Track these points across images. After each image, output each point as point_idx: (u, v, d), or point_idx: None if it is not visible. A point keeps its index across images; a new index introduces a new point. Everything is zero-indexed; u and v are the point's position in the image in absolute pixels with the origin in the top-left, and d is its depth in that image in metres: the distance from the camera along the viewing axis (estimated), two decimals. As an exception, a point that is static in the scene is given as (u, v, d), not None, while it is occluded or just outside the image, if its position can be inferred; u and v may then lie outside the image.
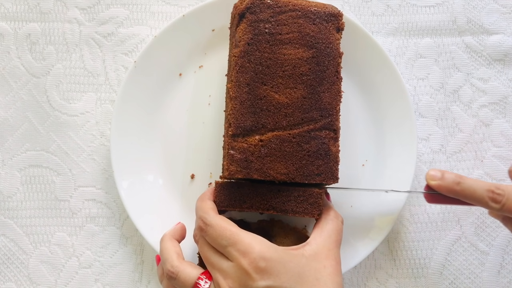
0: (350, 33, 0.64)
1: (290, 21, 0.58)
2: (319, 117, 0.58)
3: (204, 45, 0.67)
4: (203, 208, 0.56)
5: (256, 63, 0.57)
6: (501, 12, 0.71)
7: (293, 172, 0.56)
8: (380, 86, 0.66)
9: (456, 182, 0.55)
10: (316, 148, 0.57)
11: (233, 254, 0.51)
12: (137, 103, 0.66)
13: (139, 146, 0.66)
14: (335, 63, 0.58)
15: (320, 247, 0.54)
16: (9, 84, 0.69)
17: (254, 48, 0.57)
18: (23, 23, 0.70)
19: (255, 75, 0.57)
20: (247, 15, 0.58)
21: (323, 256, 0.53)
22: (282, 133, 0.57)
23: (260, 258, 0.50)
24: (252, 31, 0.57)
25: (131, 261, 0.67)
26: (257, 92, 0.57)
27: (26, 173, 0.68)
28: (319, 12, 0.58)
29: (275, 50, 0.57)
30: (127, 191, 0.64)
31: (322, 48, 0.58)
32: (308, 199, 0.57)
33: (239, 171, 0.56)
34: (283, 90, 0.57)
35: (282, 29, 0.58)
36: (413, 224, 0.68)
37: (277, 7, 0.58)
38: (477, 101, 0.70)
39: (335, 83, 0.58)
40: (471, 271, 0.67)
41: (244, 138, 0.56)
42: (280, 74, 0.57)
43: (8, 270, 0.67)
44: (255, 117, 0.57)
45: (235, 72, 0.57)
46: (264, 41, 0.57)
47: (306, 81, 0.58)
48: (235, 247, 0.51)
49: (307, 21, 0.58)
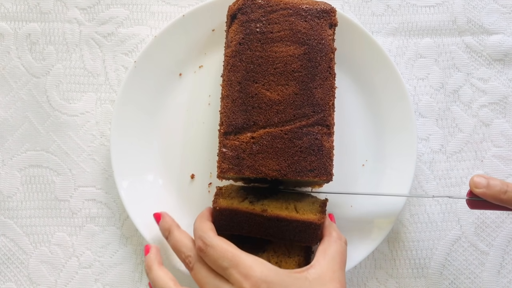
0: (350, 33, 0.64)
1: (282, 19, 0.58)
2: (312, 113, 0.57)
3: (204, 45, 0.67)
4: (202, 228, 0.55)
5: (248, 62, 0.58)
6: (501, 12, 0.71)
7: (285, 168, 0.56)
8: (380, 86, 0.66)
9: (503, 191, 0.54)
10: (308, 144, 0.57)
11: (235, 276, 0.50)
12: (137, 103, 0.66)
13: (139, 146, 0.66)
14: (327, 58, 0.58)
15: (324, 269, 0.52)
16: (9, 84, 0.69)
17: (245, 48, 0.58)
18: (23, 23, 0.70)
19: (247, 73, 0.58)
20: (239, 16, 0.58)
21: (327, 279, 0.52)
22: (273, 130, 0.57)
23: (262, 281, 0.49)
24: (244, 31, 0.58)
25: (131, 261, 0.67)
26: (249, 90, 0.57)
27: (26, 173, 0.68)
28: (310, 9, 0.59)
29: (267, 48, 0.58)
30: (127, 191, 0.64)
31: (314, 45, 0.58)
32: (307, 229, 0.56)
33: (230, 169, 0.56)
34: (275, 87, 0.57)
35: (273, 28, 0.58)
36: (413, 224, 0.68)
37: (268, 7, 0.58)
38: (477, 101, 0.70)
39: (327, 78, 0.58)
40: (471, 271, 0.67)
41: (236, 136, 0.57)
42: (271, 71, 0.58)
43: (8, 270, 0.67)
44: (247, 114, 0.57)
45: (226, 71, 0.58)
46: (256, 40, 0.58)
47: (297, 78, 0.58)
48: (237, 269, 0.50)
49: (298, 18, 0.58)
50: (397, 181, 0.64)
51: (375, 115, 0.67)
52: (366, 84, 0.67)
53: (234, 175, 0.57)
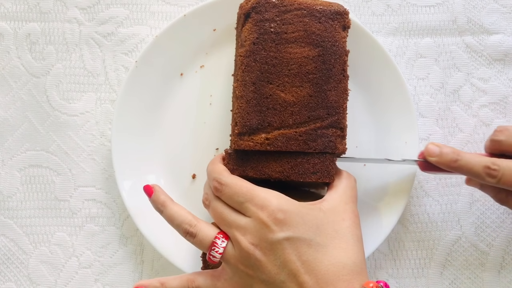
0: (350, 33, 0.64)
1: (296, 20, 0.58)
2: (326, 115, 0.58)
3: (206, 44, 0.67)
4: (216, 170, 0.56)
5: (262, 62, 0.57)
6: (501, 12, 0.71)
7: (288, 170, 0.57)
8: (381, 86, 0.66)
9: (454, 159, 0.56)
10: (323, 146, 0.57)
11: (251, 209, 0.51)
12: (138, 103, 0.65)
13: (140, 146, 0.66)
14: (341, 61, 0.58)
15: (336, 202, 0.54)
16: (9, 84, 0.69)
17: (259, 48, 0.57)
18: (23, 23, 0.70)
19: (261, 74, 0.57)
20: (253, 15, 0.58)
21: (341, 210, 0.54)
22: (288, 131, 0.57)
23: (278, 210, 0.51)
24: (258, 30, 0.57)
25: (131, 261, 0.67)
26: (263, 90, 0.57)
27: (26, 173, 0.68)
28: (324, 11, 0.59)
29: (281, 49, 0.58)
30: (128, 191, 0.64)
31: (328, 47, 0.58)
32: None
33: (235, 169, 0.57)
34: (289, 89, 0.57)
35: (287, 28, 0.58)
36: (413, 224, 0.68)
37: (283, 6, 0.58)
38: (477, 101, 0.70)
39: (341, 81, 0.58)
40: (471, 271, 0.67)
41: (250, 137, 0.57)
42: (286, 73, 0.58)
43: (8, 270, 0.67)
44: (261, 115, 0.57)
45: (241, 72, 0.57)
46: (270, 40, 0.58)
47: (312, 80, 0.58)
48: (252, 202, 0.51)
49: (312, 19, 0.58)
50: (397, 181, 0.65)
51: (376, 115, 0.67)
52: (367, 84, 0.67)
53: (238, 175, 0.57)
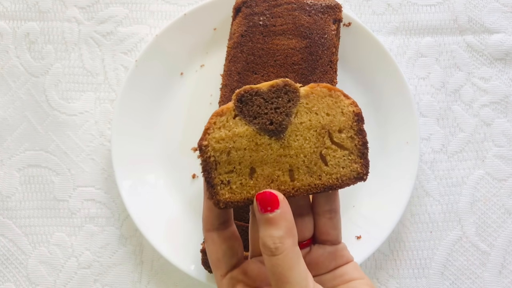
0: (351, 32, 0.64)
1: (285, 13, 0.59)
2: None
3: (206, 44, 0.67)
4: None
5: (248, 53, 0.59)
6: (502, 11, 0.70)
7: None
8: (382, 86, 0.66)
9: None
10: None
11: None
12: (138, 102, 0.65)
13: (140, 146, 0.65)
14: (329, 52, 0.59)
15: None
16: (8, 84, 0.69)
17: (247, 39, 0.59)
18: (22, 22, 0.70)
19: (247, 64, 0.59)
20: (243, 9, 0.60)
21: None
22: None
23: None
24: (247, 23, 0.59)
25: (131, 262, 0.67)
26: (248, 80, 0.58)
27: (25, 173, 0.68)
28: (315, 5, 0.60)
29: (268, 41, 0.59)
30: (128, 191, 0.64)
31: (316, 39, 0.59)
32: None
33: None
34: (274, 79, 0.58)
35: (276, 21, 0.59)
36: (413, 224, 0.67)
37: (273, 1, 0.60)
38: (478, 101, 0.69)
39: (328, 72, 0.59)
40: (472, 272, 0.67)
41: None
42: (271, 63, 0.59)
43: (7, 271, 0.67)
44: None
45: (227, 62, 0.59)
46: (258, 32, 0.59)
47: (297, 70, 0.59)
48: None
49: (302, 13, 0.60)
50: (399, 181, 0.64)
51: (377, 115, 0.67)
52: (368, 84, 0.67)
53: None
